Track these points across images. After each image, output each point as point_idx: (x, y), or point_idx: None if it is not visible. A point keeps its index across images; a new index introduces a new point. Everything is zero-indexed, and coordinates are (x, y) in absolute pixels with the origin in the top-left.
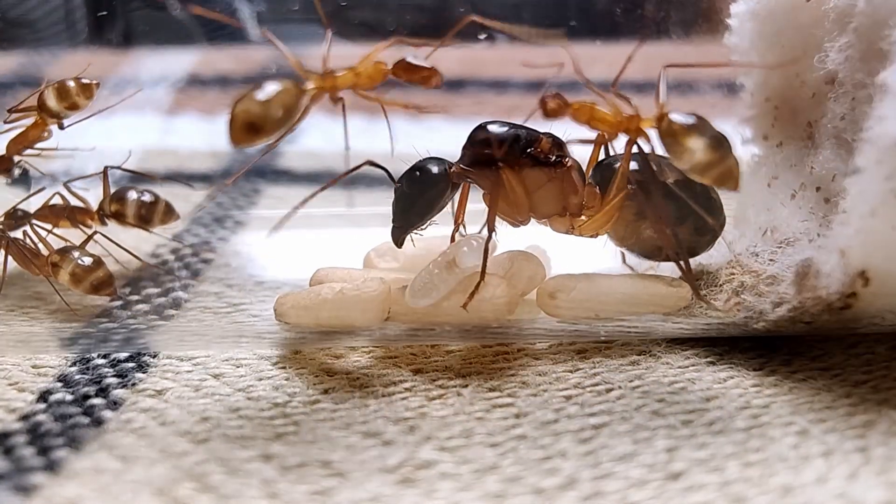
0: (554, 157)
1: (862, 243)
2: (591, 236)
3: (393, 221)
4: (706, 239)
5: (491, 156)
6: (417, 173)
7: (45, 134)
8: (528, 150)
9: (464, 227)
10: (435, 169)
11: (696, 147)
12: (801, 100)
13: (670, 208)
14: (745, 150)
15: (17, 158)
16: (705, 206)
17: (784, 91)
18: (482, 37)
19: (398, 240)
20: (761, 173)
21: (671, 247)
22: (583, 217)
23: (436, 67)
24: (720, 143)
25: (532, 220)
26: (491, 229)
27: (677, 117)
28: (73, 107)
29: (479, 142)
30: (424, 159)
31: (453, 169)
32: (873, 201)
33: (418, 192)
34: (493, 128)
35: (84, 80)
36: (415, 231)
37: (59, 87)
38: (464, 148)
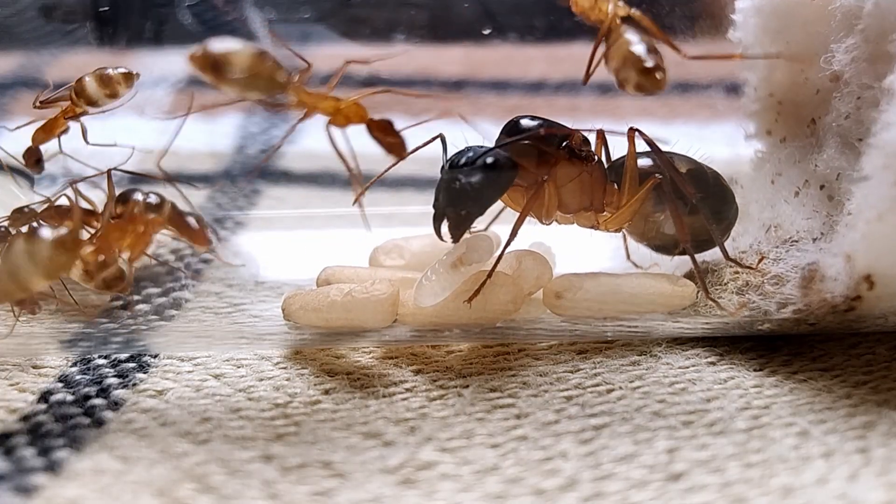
0: (586, 152)
1: (868, 248)
2: (615, 230)
3: (454, 210)
4: (721, 227)
5: (540, 150)
6: (488, 160)
7: (67, 127)
8: (563, 144)
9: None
10: (503, 158)
11: (633, 40)
12: (805, 96)
13: (688, 198)
14: (748, 146)
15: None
16: (718, 194)
17: (788, 87)
18: (487, 31)
19: (458, 234)
20: (765, 169)
21: (686, 240)
22: (606, 212)
23: (404, 143)
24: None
25: (555, 218)
26: (516, 231)
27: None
28: (113, 95)
29: (528, 135)
30: (478, 148)
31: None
32: (880, 207)
33: (487, 180)
34: (526, 122)
35: (125, 70)
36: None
37: (100, 75)
38: (496, 141)
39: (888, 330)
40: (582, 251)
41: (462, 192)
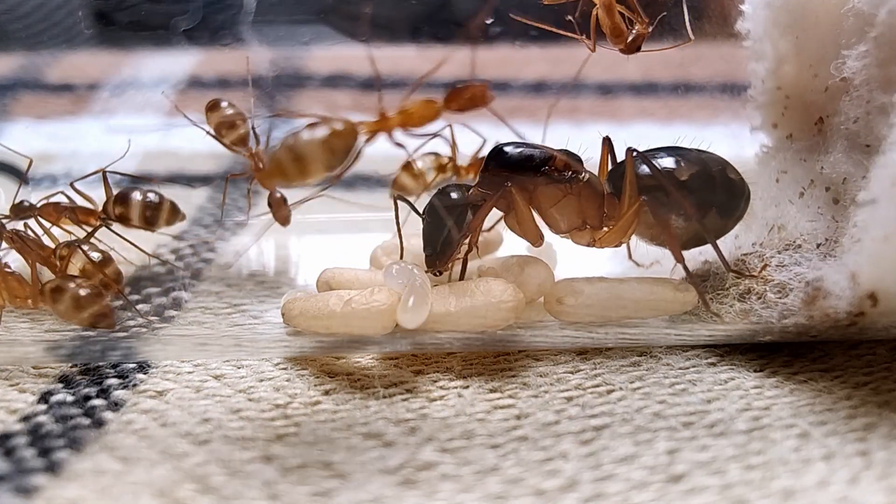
0: (570, 173)
1: (873, 267)
2: (615, 246)
3: (426, 252)
4: (734, 218)
5: (505, 177)
6: (437, 203)
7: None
8: (543, 169)
9: (477, 248)
10: (453, 195)
11: None
12: (814, 93)
13: (692, 202)
14: (751, 144)
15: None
16: (727, 187)
17: (796, 81)
18: (489, 21)
19: (436, 269)
20: (770, 166)
21: (680, 259)
22: (604, 228)
23: (484, 84)
24: None
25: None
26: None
27: None
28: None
29: (493, 164)
30: (443, 188)
31: (471, 192)
32: (886, 227)
33: (442, 221)
34: (506, 149)
35: None
36: (452, 258)
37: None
38: (480, 171)
39: (889, 337)
40: (583, 249)
41: (428, 232)
